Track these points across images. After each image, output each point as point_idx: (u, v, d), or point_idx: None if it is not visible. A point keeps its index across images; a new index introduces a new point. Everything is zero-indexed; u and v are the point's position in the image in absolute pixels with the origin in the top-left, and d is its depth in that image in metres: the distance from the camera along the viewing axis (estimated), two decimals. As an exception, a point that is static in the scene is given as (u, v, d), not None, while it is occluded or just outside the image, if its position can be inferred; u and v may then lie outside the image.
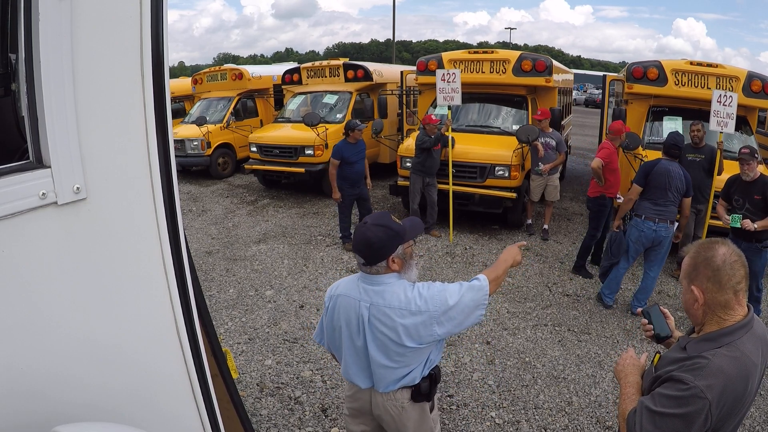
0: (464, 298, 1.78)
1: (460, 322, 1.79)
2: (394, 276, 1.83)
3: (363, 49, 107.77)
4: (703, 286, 1.42)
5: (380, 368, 1.85)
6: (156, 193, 1.20)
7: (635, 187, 4.48)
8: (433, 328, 1.76)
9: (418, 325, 1.76)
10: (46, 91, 0.98)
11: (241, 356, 3.89)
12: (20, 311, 1.00)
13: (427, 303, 1.76)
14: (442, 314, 1.76)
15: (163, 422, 1.31)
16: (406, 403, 1.89)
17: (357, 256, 1.82)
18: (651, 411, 1.39)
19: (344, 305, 1.89)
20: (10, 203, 0.96)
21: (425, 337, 1.78)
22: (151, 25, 1.12)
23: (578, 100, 31.92)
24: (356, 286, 1.88)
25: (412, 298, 1.77)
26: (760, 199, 4.06)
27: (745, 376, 1.35)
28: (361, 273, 1.87)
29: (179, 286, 1.27)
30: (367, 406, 1.96)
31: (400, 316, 1.76)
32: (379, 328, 1.80)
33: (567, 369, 3.76)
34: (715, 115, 5.07)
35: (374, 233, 1.75)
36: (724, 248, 1.43)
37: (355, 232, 1.83)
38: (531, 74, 7.13)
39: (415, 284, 1.85)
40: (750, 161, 4.12)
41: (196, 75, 12.32)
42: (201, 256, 6.03)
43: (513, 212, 6.81)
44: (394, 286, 1.80)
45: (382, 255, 1.78)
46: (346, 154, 5.86)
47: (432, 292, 1.79)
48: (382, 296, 1.80)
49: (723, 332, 1.40)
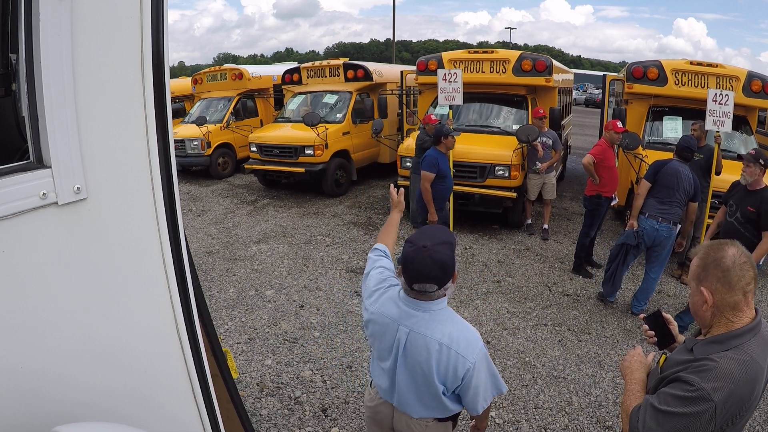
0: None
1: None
2: (444, 300, 1.71)
3: (363, 49, 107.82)
4: (712, 287, 1.41)
5: (407, 393, 1.77)
6: (156, 193, 1.20)
7: (644, 182, 4.46)
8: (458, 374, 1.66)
9: (449, 368, 1.65)
10: (46, 91, 0.98)
11: (241, 356, 3.89)
12: (20, 311, 1.00)
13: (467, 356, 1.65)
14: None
15: (163, 422, 1.31)
16: (431, 423, 1.82)
17: (426, 285, 1.61)
18: (655, 409, 1.39)
19: (381, 322, 1.77)
20: (10, 203, 0.96)
21: (450, 382, 1.68)
22: (152, 25, 1.12)
23: (578, 99, 31.93)
24: (396, 305, 1.74)
25: (458, 337, 1.66)
26: (753, 212, 3.71)
27: (751, 379, 1.34)
28: (405, 297, 1.71)
29: (179, 286, 1.27)
30: (388, 421, 1.89)
31: (437, 353, 1.65)
32: (415, 359, 1.69)
33: (567, 369, 3.76)
34: (711, 114, 5.07)
35: (444, 254, 1.60)
36: (733, 249, 1.42)
37: (413, 258, 1.59)
38: (531, 74, 7.13)
39: (456, 320, 1.73)
40: (751, 164, 3.84)
41: (196, 75, 12.33)
42: (201, 256, 6.03)
43: (513, 212, 6.81)
44: (444, 313, 1.70)
45: (452, 272, 1.64)
46: (442, 166, 5.09)
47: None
48: (428, 324, 1.67)
49: (731, 335, 1.39)
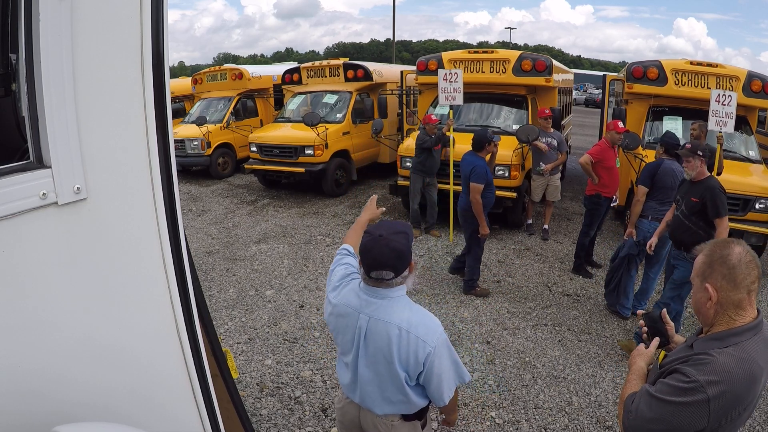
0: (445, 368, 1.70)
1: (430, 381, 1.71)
2: (404, 288, 1.74)
3: (363, 49, 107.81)
4: (717, 284, 1.41)
5: (369, 386, 1.77)
6: (156, 193, 1.20)
7: (641, 188, 4.40)
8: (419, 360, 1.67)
9: (409, 354, 1.67)
10: (46, 91, 0.98)
11: (241, 356, 3.89)
12: (21, 311, 1.00)
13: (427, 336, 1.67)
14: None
15: (163, 422, 1.31)
16: (397, 422, 1.82)
17: (382, 272, 1.65)
18: (649, 395, 1.42)
19: (342, 313, 1.80)
20: (10, 203, 0.96)
21: (412, 369, 1.69)
22: (152, 25, 1.12)
23: (578, 99, 31.93)
24: (356, 295, 1.77)
25: (417, 322, 1.68)
26: (698, 202, 3.62)
27: (749, 378, 1.34)
28: (364, 285, 1.75)
29: (179, 286, 1.28)
30: (356, 421, 1.90)
31: (397, 338, 1.67)
32: (376, 345, 1.71)
33: (567, 369, 3.76)
34: (714, 114, 5.07)
35: (398, 241, 1.64)
36: (739, 248, 1.43)
37: (370, 248, 1.64)
38: (531, 74, 7.13)
39: (415, 307, 1.76)
40: (690, 158, 3.69)
41: (196, 75, 12.33)
42: (201, 256, 6.03)
43: (513, 212, 6.81)
44: (402, 300, 1.72)
45: (408, 261, 1.69)
46: (490, 176, 4.70)
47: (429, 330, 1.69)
48: (386, 310, 1.70)
49: (731, 332, 1.40)
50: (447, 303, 4.83)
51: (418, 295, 4.97)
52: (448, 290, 5.11)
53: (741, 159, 6.19)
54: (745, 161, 6.19)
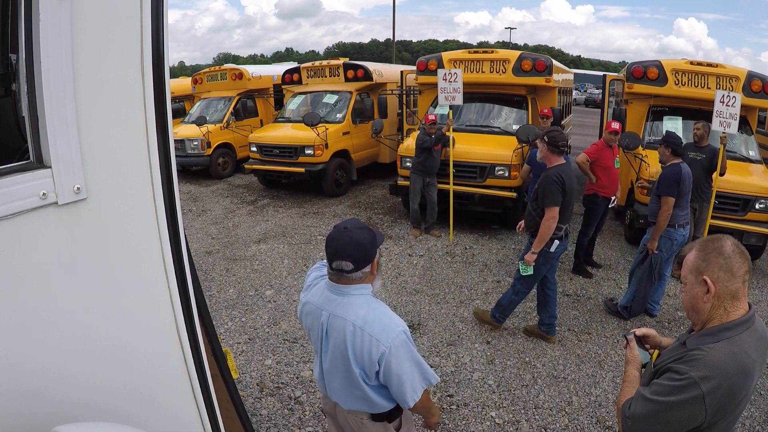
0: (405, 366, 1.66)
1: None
2: (367, 287, 1.75)
3: (363, 49, 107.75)
4: (714, 276, 1.42)
5: (333, 381, 1.79)
6: (156, 193, 1.20)
7: (670, 199, 4.11)
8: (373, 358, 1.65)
9: (363, 351, 1.66)
10: (46, 91, 0.98)
11: (241, 356, 3.89)
12: (20, 311, 1.00)
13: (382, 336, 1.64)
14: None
15: (163, 422, 1.31)
16: (366, 420, 1.82)
17: (342, 263, 1.67)
18: (645, 398, 1.43)
19: (309, 311, 1.84)
20: (10, 203, 0.96)
21: (367, 367, 1.68)
22: (152, 25, 1.12)
23: (578, 100, 31.91)
24: (322, 293, 1.80)
25: (372, 321, 1.67)
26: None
27: (742, 371, 1.35)
28: (328, 282, 1.77)
29: (179, 286, 1.28)
30: (334, 413, 1.93)
31: (351, 335, 1.67)
32: (334, 342, 1.72)
33: (567, 369, 3.76)
34: (718, 115, 5.06)
35: (361, 235, 1.67)
36: (729, 240, 1.45)
37: (333, 237, 1.69)
38: (531, 74, 7.13)
39: (374, 305, 1.74)
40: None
41: (196, 75, 12.32)
42: (201, 256, 6.02)
43: (513, 212, 6.81)
44: (362, 299, 1.72)
45: (370, 257, 1.70)
46: None
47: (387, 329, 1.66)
48: (345, 308, 1.71)
49: (723, 327, 1.41)
50: (447, 303, 4.83)
51: (418, 294, 4.97)
52: (448, 290, 5.11)
53: (741, 159, 6.19)
54: (745, 161, 6.19)
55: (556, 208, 3.50)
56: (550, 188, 3.49)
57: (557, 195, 3.49)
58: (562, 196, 3.51)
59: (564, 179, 3.50)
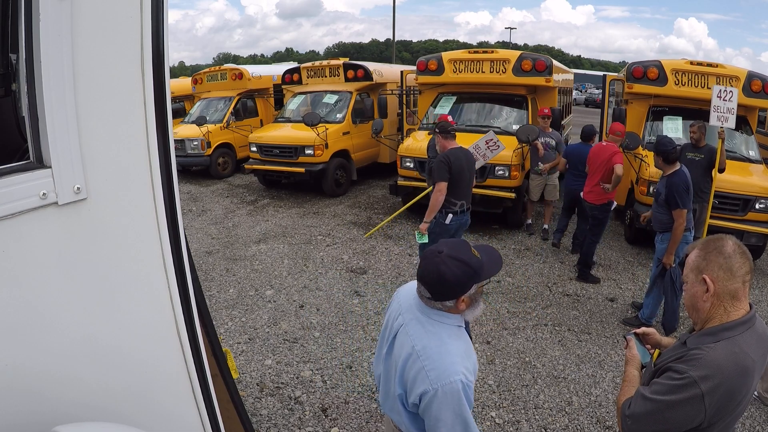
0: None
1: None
2: (452, 318, 1.57)
3: (363, 49, 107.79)
4: (714, 275, 1.42)
5: (384, 384, 1.73)
6: (156, 193, 1.20)
7: (684, 212, 3.97)
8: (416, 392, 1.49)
9: (408, 381, 1.52)
10: (46, 91, 0.98)
11: (241, 356, 3.89)
12: (20, 311, 1.00)
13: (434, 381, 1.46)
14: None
15: (163, 422, 1.31)
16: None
17: (421, 287, 1.54)
18: (644, 398, 1.44)
19: (393, 306, 1.73)
20: (10, 203, 0.96)
21: (409, 392, 1.53)
22: (152, 25, 1.12)
23: (578, 100, 31.92)
24: (410, 295, 1.66)
25: (433, 355, 1.49)
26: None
27: (741, 371, 1.35)
28: (419, 294, 1.61)
29: (179, 286, 1.27)
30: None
31: (407, 356, 1.54)
32: (396, 353, 1.62)
33: (567, 369, 3.76)
34: (716, 110, 5.02)
35: (450, 269, 1.48)
36: (731, 240, 1.46)
37: (426, 257, 1.54)
38: (531, 74, 7.13)
39: (447, 341, 1.54)
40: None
41: (196, 75, 12.32)
42: (201, 256, 6.02)
43: (513, 212, 6.81)
44: (441, 327, 1.55)
45: (453, 294, 1.51)
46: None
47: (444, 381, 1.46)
48: (416, 327, 1.57)
49: (724, 327, 1.41)
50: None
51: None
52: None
53: (741, 159, 6.19)
54: (745, 161, 6.19)
55: (443, 183, 3.97)
56: (438, 166, 4.00)
57: (444, 173, 3.96)
58: (449, 174, 3.97)
59: (451, 159, 3.99)
